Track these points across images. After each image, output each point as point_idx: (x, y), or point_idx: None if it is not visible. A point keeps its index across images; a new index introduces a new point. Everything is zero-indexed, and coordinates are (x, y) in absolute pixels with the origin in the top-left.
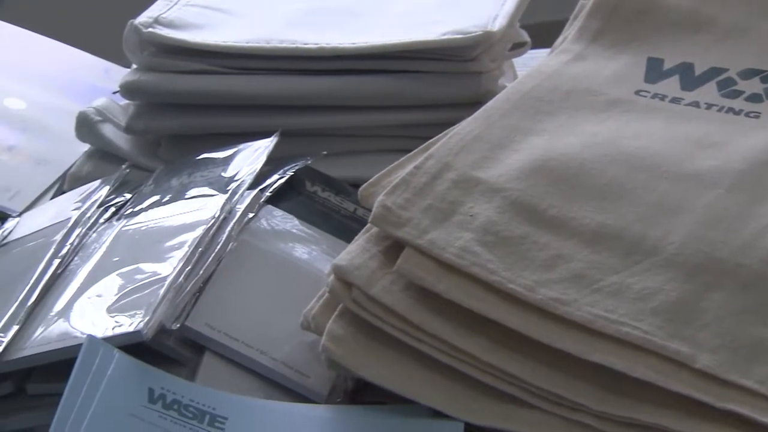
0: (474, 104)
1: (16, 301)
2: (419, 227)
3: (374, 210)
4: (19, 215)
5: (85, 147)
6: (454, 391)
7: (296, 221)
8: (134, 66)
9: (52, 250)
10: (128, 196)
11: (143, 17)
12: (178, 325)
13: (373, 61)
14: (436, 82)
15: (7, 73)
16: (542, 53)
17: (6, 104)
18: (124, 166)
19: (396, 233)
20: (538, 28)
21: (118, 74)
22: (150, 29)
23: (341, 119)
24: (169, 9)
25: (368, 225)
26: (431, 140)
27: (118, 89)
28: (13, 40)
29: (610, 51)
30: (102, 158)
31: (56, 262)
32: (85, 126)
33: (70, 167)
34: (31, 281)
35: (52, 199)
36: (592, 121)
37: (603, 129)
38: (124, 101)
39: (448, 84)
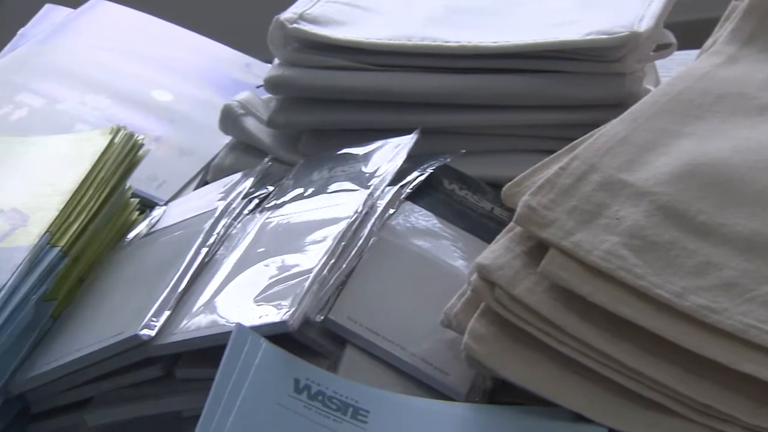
0: (616, 106)
1: (167, 287)
2: (564, 228)
3: (518, 210)
4: (166, 204)
5: (227, 139)
6: (597, 395)
7: (434, 218)
8: (277, 61)
9: (200, 240)
10: (270, 188)
11: (288, 13)
12: (322, 318)
13: (515, 60)
14: (578, 82)
15: (155, 66)
16: (685, 55)
17: (154, 96)
18: (266, 159)
19: (540, 234)
20: (683, 26)
21: (259, 69)
22: (295, 25)
23: (481, 118)
24: (312, 5)
25: (511, 224)
26: (576, 141)
27: (262, 83)
28: (159, 32)
29: (765, 54)
30: (243, 151)
31: (204, 251)
32: (229, 119)
33: (213, 158)
34: (181, 269)
35: (195, 189)
36: (744, 126)
37: (756, 134)
38: (266, 95)
39: (591, 85)
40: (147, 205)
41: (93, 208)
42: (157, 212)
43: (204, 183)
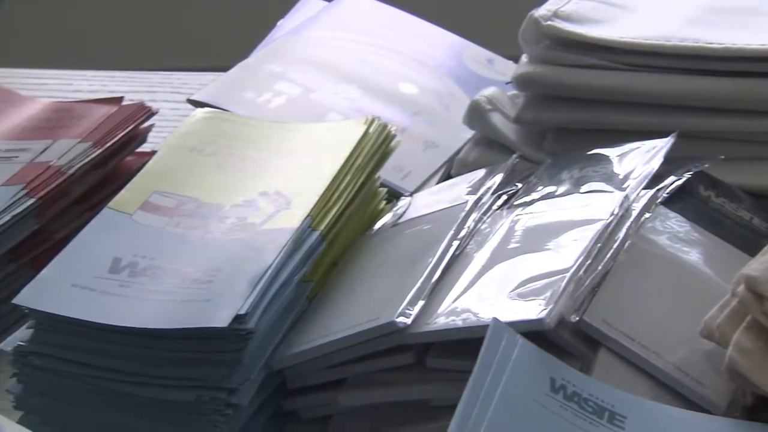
0: None
1: (421, 277)
2: None
3: None
4: (410, 195)
5: (469, 133)
6: None
7: (688, 224)
8: (525, 58)
9: (451, 232)
10: (519, 185)
11: (542, 10)
12: (577, 319)
13: None
14: None
15: (402, 59)
16: None
17: (401, 88)
18: (514, 156)
19: None
20: None
21: (501, 65)
22: (549, 22)
23: (742, 123)
24: (567, 3)
25: None
26: None
27: (511, 80)
28: (406, 26)
29: None
30: (487, 146)
31: (455, 243)
32: (476, 114)
33: (457, 152)
34: (434, 260)
35: (438, 182)
36: None
37: None
38: (511, 91)
39: None
40: (393, 195)
41: (350, 194)
42: (402, 202)
43: (447, 176)
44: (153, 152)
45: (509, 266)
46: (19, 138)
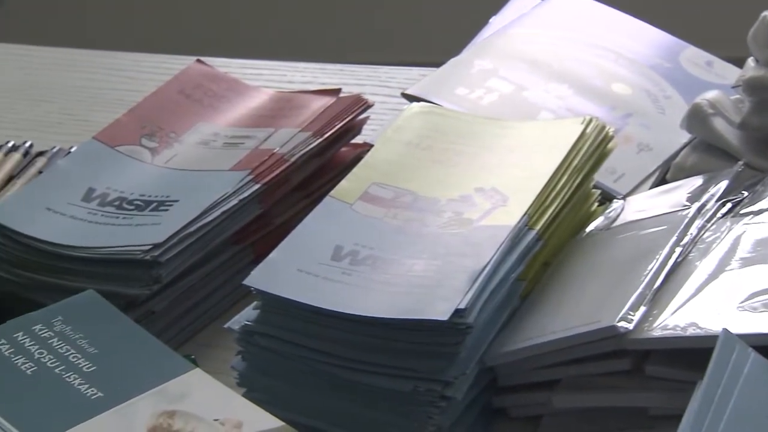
0: None
1: (642, 283)
2: None
3: None
4: (623, 198)
5: (684, 137)
6: None
7: None
8: (750, 61)
9: (674, 238)
10: (744, 194)
11: None
12: None
13: None
14: None
15: (615, 58)
16: None
17: (613, 89)
18: (740, 163)
19: None
20: None
21: (721, 68)
22: None
23: None
24: None
25: None
26: None
27: (737, 83)
28: (620, 25)
29: None
30: (707, 151)
31: (677, 250)
32: (697, 118)
33: (672, 156)
34: (656, 266)
35: (652, 186)
36: None
37: None
38: (734, 95)
39: None
40: (605, 198)
41: (566, 195)
42: (615, 205)
43: (662, 180)
44: (366, 144)
45: (737, 277)
46: (244, 125)
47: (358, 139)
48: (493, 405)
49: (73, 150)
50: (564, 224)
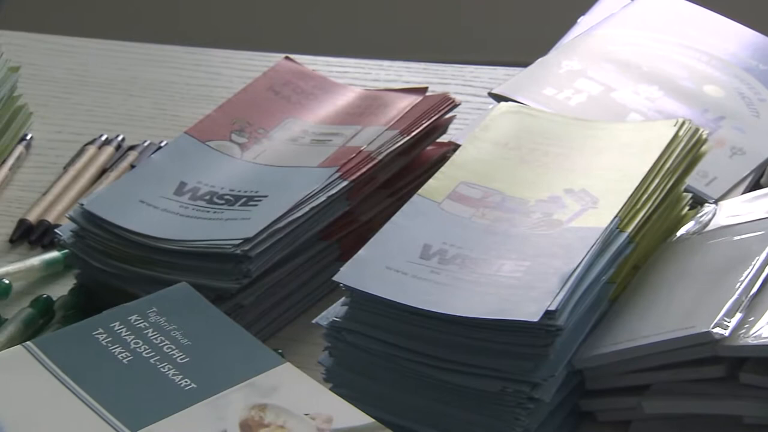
0: None
1: (738, 289)
2: None
3: None
4: (715, 202)
5: None
6: None
7: None
8: None
9: None
10: None
11: None
12: None
13: None
14: None
15: (707, 59)
16: None
17: (705, 91)
18: None
19: None
20: None
21: None
22: None
23: None
24: None
25: None
26: None
27: None
28: (712, 25)
29: None
30: None
31: None
32: None
33: (767, 161)
34: (752, 272)
35: (745, 190)
36: None
37: None
38: None
39: None
40: (696, 201)
41: (657, 198)
42: (707, 209)
43: (756, 185)
44: (451, 143)
45: None
46: (332, 123)
47: (442, 138)
48: (581, 408)
49: (164, 144)
50: (655, 228)
